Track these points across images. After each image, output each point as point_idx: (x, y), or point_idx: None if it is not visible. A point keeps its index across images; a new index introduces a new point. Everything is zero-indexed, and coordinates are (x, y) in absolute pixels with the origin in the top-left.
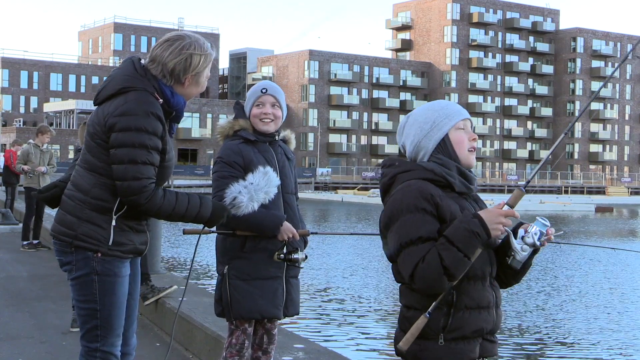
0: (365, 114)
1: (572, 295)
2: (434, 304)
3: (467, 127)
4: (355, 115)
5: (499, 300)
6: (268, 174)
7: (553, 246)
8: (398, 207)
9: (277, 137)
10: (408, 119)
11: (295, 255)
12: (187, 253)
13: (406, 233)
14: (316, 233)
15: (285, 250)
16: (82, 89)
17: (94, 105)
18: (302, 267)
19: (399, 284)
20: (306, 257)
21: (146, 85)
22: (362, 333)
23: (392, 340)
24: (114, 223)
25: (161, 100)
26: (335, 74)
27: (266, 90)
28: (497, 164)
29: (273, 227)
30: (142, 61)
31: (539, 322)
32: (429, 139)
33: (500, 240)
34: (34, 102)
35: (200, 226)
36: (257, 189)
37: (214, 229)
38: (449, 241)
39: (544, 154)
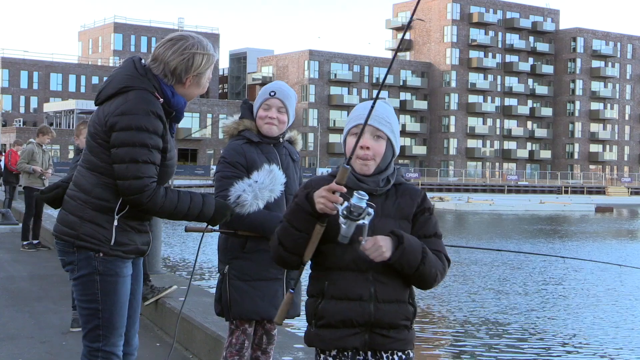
0: None
1: (574, 296)
2: (296, 281)
3: (364, 134)
4: None
5: (381, 295)
6: (273, 172)
7: (554, 246)
8: None
9: (281, 140)
10: None
11: None
12: (187, 253)
13: None
14: None
15: None
16: (82, 89)
17: (95, 105)
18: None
19: None
20: None
21: (146, 85)
22: None
23: None
24: (115, 223)
25: (161, 99)
26: (335, 74)
27: (274, 94)
28: (497, 164)
29: (275, 228)
30: (143, 61)
31: (542, 323)
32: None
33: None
34: (34, 102)
35: (203, 224)
36: (261, 187)
37: (217, 227)
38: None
39: (544, 154)
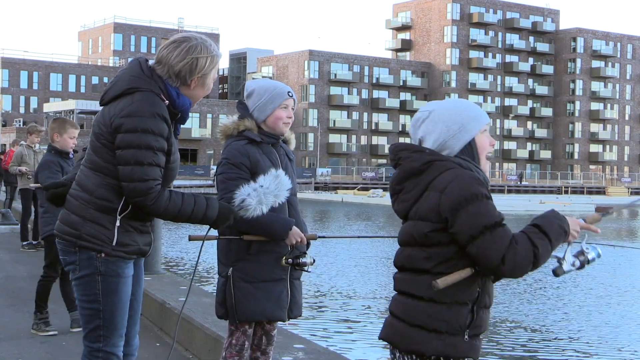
0: (365, 114)
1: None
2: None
3: (487, 132)
4: (355, 115)
5: None
6: (279, 178)
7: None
8: (468, 194)
9: (280, 139)
10: (429, 115)
11: (303, 260)
12: (187, 253)
13: (490, 216)
14: (324, 237)
15: (292, 255)
16: (82, 89)
17: (100, 105)
18: (310, 272)
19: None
20: (314, 261)
21: (152, 86)
22: (362, 333)
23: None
24: (118, 223)
25: (167, 101)
26: (335, 74)
27: (292, 94)
28: (497, 164)
29: (282, 231)
30: (149, 62)
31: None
32: (457, 140)
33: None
34: (34, 102)
35: (205, 231)
36: (266, 192)
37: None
38: (543, 232)
39: (544, 154)
